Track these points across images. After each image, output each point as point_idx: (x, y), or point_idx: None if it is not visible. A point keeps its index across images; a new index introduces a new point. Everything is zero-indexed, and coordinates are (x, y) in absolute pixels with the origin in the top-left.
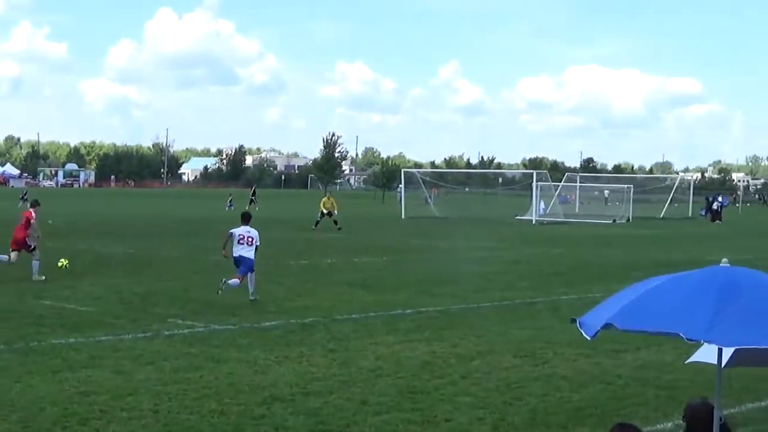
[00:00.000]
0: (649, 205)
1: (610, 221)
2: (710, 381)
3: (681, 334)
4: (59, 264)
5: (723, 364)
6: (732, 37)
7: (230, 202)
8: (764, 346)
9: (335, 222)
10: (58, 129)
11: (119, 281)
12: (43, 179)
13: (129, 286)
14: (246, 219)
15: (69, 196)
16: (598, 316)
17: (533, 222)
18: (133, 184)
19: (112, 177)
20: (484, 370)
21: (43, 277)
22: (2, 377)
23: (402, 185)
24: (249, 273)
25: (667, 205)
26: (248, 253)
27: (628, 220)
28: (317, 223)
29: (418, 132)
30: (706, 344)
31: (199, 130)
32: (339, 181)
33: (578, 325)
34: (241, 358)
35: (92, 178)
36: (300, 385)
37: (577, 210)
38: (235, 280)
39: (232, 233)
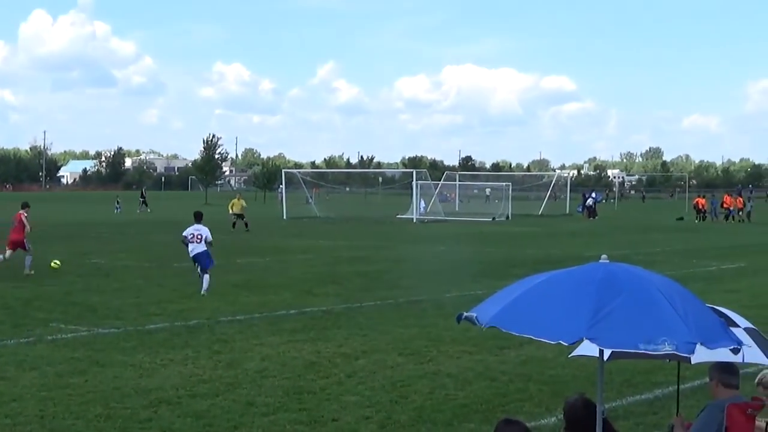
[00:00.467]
0: (528, 203)
1: (490, 219)
2: (592, 375)
3: (562, 342)
4: (52, 264)
5: (605, 359)
6: (606, 35)
7: (118, 204)
8: (641, 351)
9: (246, 224)
10: None
11: (0, 286)
12: None
13: (10, 291)
14: (198, 218)
15: None
16: (483, 313)
17: (414, 221)
18: (10, 188)
19: None
20: (369, 369)
21: (32, 272)
22: None
23: (283, 186)
24: (202, 270)
25: (544, 202)
26: (200, 248)
27: (508, 217)
28: (234, 224)
29: (297, 132)
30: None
31: (77, 132)
32: (220, 182)
33: (463, 319)
34: (125, 361)
35: None
36: (186, 388)
37: (457, 208)
38: (206, 278)
39: (184, 235)
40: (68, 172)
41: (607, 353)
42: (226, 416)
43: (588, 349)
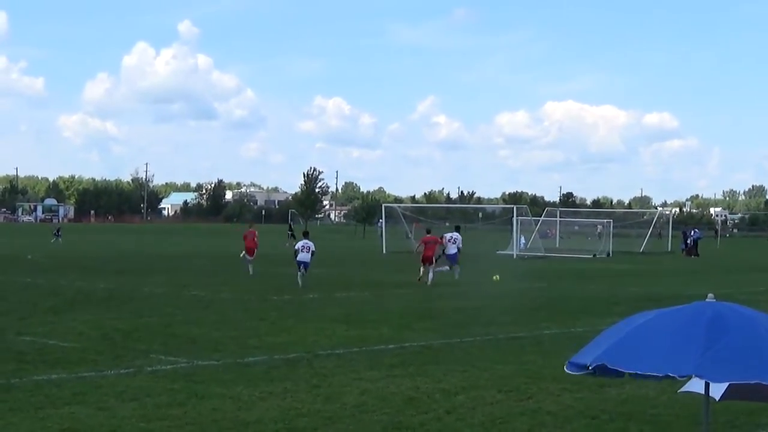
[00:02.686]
0: (629, 240)
1: (591, 256)
2: (694, 415)
3: (671, 375)
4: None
5: (716, 398)
6: (708, 72)
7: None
8: (752, 381)
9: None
10: (36, 164)
11: (101, 317)
12: (22, 214)
13: (111, 322)
14: (306, 235)
15: (48, 231)
16: (588, 355)
17: (514, 257)
18: (112, 219)
19: (92, 212)
20: (468, 406)
21: None
22: None
23: (383, 220)
24: (305, 270)
25: (646, 239)
26: (307, 257)
27: (609, 254)
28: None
29: (397, 167)
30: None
31: (178, 164)
32: (320, 215)
33: (572, 366)
34: (225, 394)
35: (71, 213)
36: (285, 421)
37: (557, 244)
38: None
39: (297, 248)
40: (169, 204)
41: (718, 391)
42: None
43: (695, 385)
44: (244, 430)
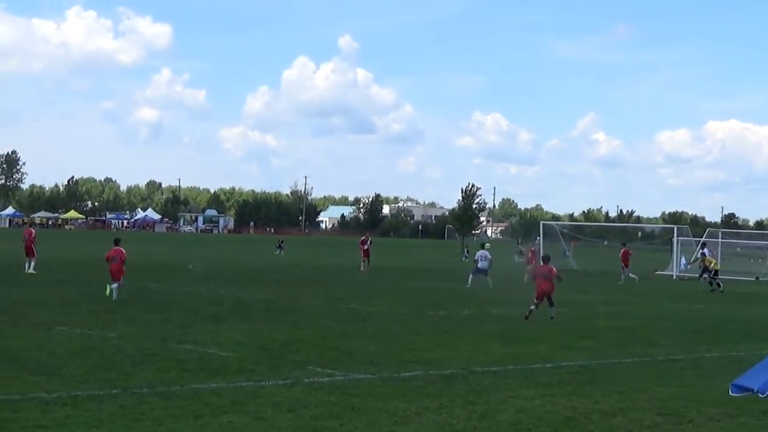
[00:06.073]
0: None
1: (754, 278)
2: None
3: None
4: None
5: None
6: None
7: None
8: None
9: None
10: (198, 175)
11: (259, 327)
12: (184, 225)
13: (269, 333)
14: (483, 246)
15: (209, 242)
16: (756, 379)
17: (674, 277)
18: (272, 231)
19: (251, 223)
20: (626, 428)
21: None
22: (145, 420)
23: (540, 238)
24: (485, 275)
25: None
26: (484, 265)
27: None
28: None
29: (555, 184)
30: None
31: (336, 177)
32: (476, 231)
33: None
34: (380, 407)
35: (231, 225)
36: None
37: (718, 266)
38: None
39: (476, 258)
40: (327, 217)
41: None
42: None
43: None
44: None
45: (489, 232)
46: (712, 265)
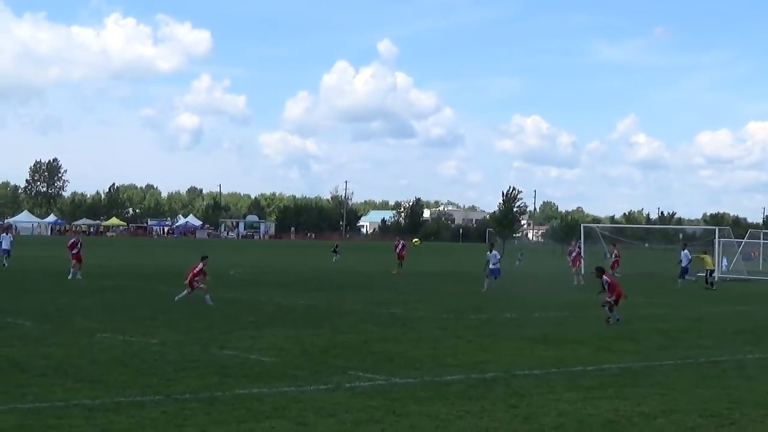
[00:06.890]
0: None
1: None
2: None
3: None
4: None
5: None
6: None
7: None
8: None
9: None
10: (238, 181)
11: (300, 332)
12: (225, 230)
13: (310, 338)
14: (491, 247)
15: (250, 247)
16: None
17: (715, 279)
18: (312, 236)
19: (292, 229)
20: (668, 430)
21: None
22: (188, 426)
23: (581, 240)
24: (495, 276)
25: None
26: (495, 266)
27: None
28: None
29: (595, 186)
30: None
31: (376, 182)
32: (517, 234)
33: None
34: (422, 411)
35: (272, 230)
36: None
37: (760, 267)
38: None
39: (488, 258)
40: (367, 222)
41: None
42: None
43: None
44: None
45: (530, 236)
46: (708, 264)
